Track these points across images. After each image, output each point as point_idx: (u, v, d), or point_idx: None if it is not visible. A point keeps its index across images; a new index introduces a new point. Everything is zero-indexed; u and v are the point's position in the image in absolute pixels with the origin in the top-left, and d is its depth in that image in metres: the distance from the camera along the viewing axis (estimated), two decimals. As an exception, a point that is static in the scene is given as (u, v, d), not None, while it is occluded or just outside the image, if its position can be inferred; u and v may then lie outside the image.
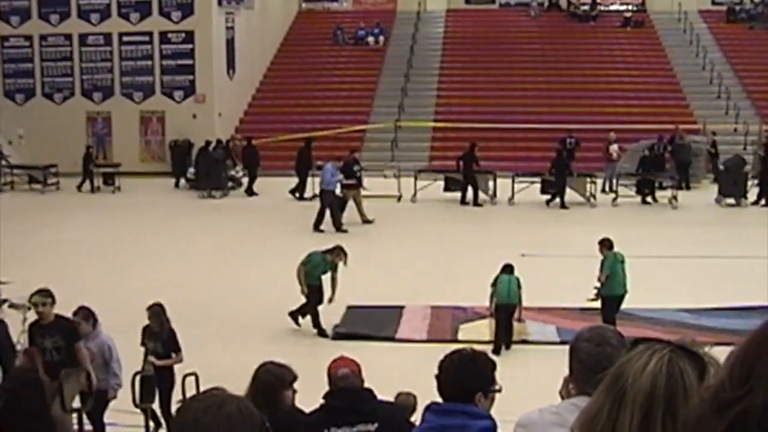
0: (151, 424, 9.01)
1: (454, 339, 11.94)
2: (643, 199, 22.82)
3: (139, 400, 8.85)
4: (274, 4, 33.39)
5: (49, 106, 28.59)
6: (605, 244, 12.26)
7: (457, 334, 12.52)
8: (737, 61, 31.70)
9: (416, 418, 5.17)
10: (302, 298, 12.68)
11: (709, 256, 16.54)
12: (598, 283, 12.15)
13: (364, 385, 5.12)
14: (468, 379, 3.59)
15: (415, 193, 22.81)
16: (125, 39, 28.15)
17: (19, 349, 8.79)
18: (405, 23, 34.92)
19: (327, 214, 19.44)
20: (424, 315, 13.38)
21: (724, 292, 13.99)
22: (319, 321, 12.63)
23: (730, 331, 11.67)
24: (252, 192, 24.24)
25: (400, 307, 13.62)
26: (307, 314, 12.70)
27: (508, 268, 12.09)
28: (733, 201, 22.56)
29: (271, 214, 21.80)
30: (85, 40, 28.36)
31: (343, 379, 5.06)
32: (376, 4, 36.43)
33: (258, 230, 19.89)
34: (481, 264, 13.90)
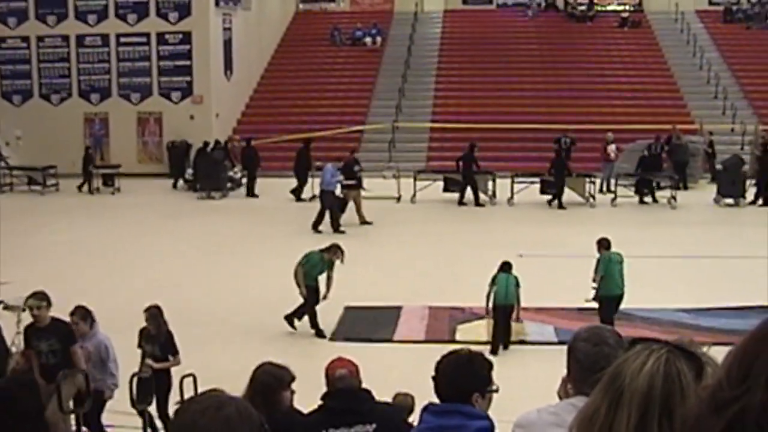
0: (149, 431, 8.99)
1: (452, 339, 11.93)
2: (640, 199, 22.83)
3: (136, 402, 8.83)
4: (272, 5, 33.39)
5: (47, 108, 28.58)
6: (603, 244, 12.27)
7: (455, 334, 12.51)
8: (734, 61, 31.72)
9: (414, 419, 5.17)
10: (301, 299, 12.66)
11: (707, 256, 16.55)
12: (595, 285, 12.15)
13: (362, 386, 5.12)
14: (465, 380, 3.59)
15: (415, 194, 22.82)
16: (122, 40, 28.16)
17: (13, 351, 8.77)
18: (402, 24, 34.91)
19: (327, 215, 19.45)
20: (422, 315, 13.37)
21: (723, 292, 13.99)
22: (317, 321, 12.62)
23: (728, 331, 11.68)
24: (253, 194, 24.18)
25: (398, 308, 13.62)
26: (304, 316, 12.69)
27: (507, 266, 12.08)
28: (732, 201, 22.58)
29: (270, 214, 21.80)
30: (83, 42, 28.37)
31: (341, 379, 5.06)
32: (374, 5, 36.44)
33: (257, 231, 19.88)
34: (481, 264, 13.88)
